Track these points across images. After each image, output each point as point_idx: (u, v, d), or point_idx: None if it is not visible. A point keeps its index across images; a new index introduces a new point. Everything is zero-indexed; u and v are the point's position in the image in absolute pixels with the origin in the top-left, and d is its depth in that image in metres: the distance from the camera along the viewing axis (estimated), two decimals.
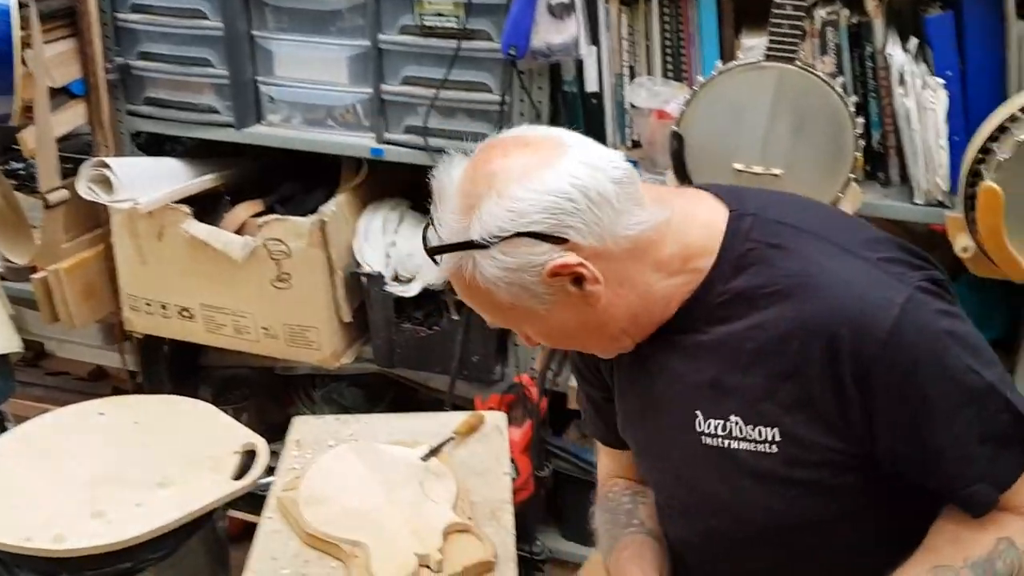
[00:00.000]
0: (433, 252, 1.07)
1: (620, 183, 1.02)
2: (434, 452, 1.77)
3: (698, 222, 1.08)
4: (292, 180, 2.32)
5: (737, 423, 1.07)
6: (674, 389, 1.12)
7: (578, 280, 1.02)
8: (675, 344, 1.10)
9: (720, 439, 1.08)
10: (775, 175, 1.69)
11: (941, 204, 1.77)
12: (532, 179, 1.00)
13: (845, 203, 1.71)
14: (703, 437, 1.10)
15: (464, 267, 1.04)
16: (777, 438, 1.05)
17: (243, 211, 2.17)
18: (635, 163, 1.88)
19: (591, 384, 1.34)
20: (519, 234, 1.00)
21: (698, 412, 1.10)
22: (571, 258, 1.01)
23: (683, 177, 1.75)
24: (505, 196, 1.00)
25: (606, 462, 1.41)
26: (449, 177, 1.08)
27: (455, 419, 1.90)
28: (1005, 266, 1.63)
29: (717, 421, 1.08)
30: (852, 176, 1.69)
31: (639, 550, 1.24)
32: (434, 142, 2.02)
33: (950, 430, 1.01)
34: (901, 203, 1.81)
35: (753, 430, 1.06)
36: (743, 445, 1.07)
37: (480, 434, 1.88)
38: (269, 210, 2.18)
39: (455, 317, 2.15)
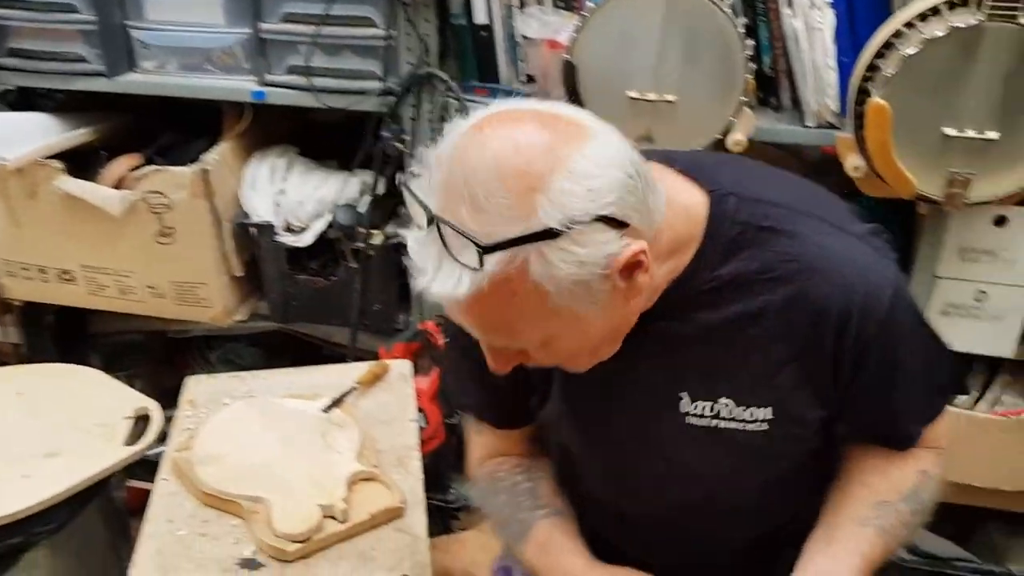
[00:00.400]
0: (490, 250, 0.81)
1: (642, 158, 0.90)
2: (336, 403, 1.72)
3: (678, 203, 0.97)
4: (171, 130, 2.20)
5: (727, 405, 1.04)
6: (656, 374, 1.06)
7: (629, 271, 0.88)
8: (657, 331, 1.01)
9: (708, 419, 1.05)
10: (669, 102, 1.67)
11: (832, 126, 1.78)
12: (594, 153, 0.84)
13: (738, 128, 1.71)
14: (688, 417, 1.06)
15: (514, 267, 0.83)
16: (769, 416, 1.04)
17: (120, 165, 2.05)
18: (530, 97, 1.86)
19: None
20: (598, 218, 0.84)
21: (683, 394, 1.05)
22: (640, 245, 0.87)
23: (578, 106, 1.71)
24: (578, 173, 0.83)
25: (487, 441, 1.26)
26: (463, 154, 0.84)
27: (358, 370, 1.86)
28: (895, 183, 1.65)
29: (705, 403, 1.05)
30: (744, 100, 1.68)
31: (565, 539, 1.16)
32: (319, 82, 1.94)
33: (911, 389, 1.06)
34: (793, 126, 1.82)
35: (745, 411, 1.04)
36: (732, 425, 1.05)
37: (385, 383, 1.84)
38: (148, 162, 2.06)
39: (352, 266, 2.09)
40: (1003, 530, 2.21)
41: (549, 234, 0.81)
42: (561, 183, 0.82)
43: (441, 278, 0.84)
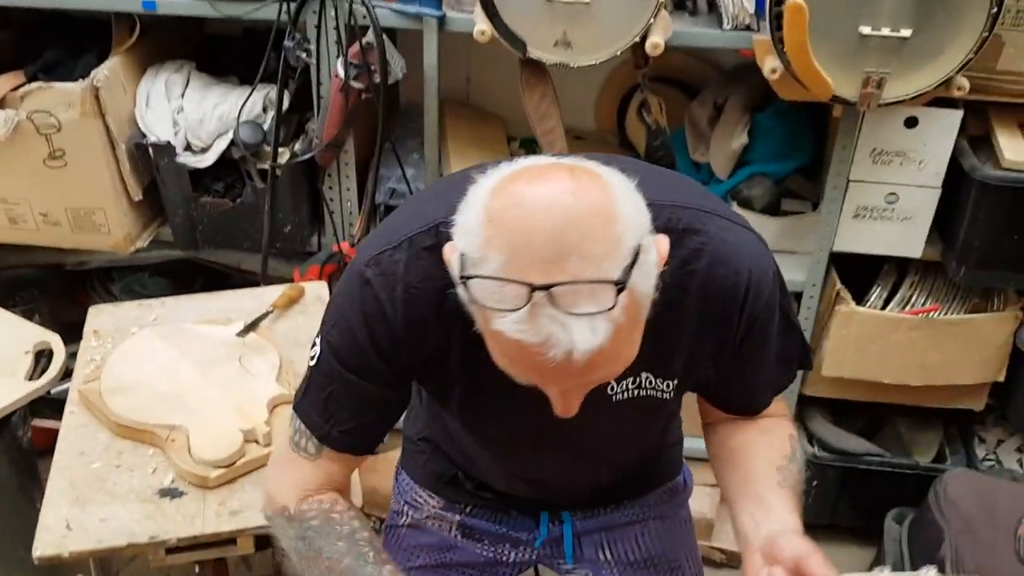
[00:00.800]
0: (621, 285, 0.84)
1: None
2: (251, 327, 1.67)
3: None
4: (56, 46, 2.05)
5: (647, 377, 1.13)
6: None
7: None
8: None
9: (631, 391, 1.13)
10: (585, 3, 1.63)
11: (749, 28, 1.76)
12: (617, 178, 0.92)
13: (656, 30, 1.68)
14: (613, 396, 1.13)
15: (631, 295, 0.87)
16: (676, 383, 1.15)
17: (1, 83, 1.90)
18: (440, 2, 1.79)
19: (392, 388, 1.13)
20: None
21: (611, 382, 1.11)
22: (662, 236, 0.94)
23: (491, 13, 1.65)
24: (625, 196, 0.89)
25: (316, 470, 1.15)
26: (529, 222, 0.85)
27: (272, 293, 1.80)
28: (812, 84, 1.65)
29: (628, 379, 1.12)
30: (661, 2, 1.65)
31: None
32: None
33: (771, 361, 1.18)
34: (710, 29, 1.79)
35: (661, 383, 1.14)
36: (649, 393, 1.14)
37: (300, 306, 1.80)
38: (31, 80, 1.92)
39: (259, 186, 2.00)
40: (910, 424, 2.31)
41: (639, 250, 0.86)
42: (624, 208, 0.88)
43: (578, 338, 0.84)
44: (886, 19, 1.58)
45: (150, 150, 1.96)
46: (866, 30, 1.59)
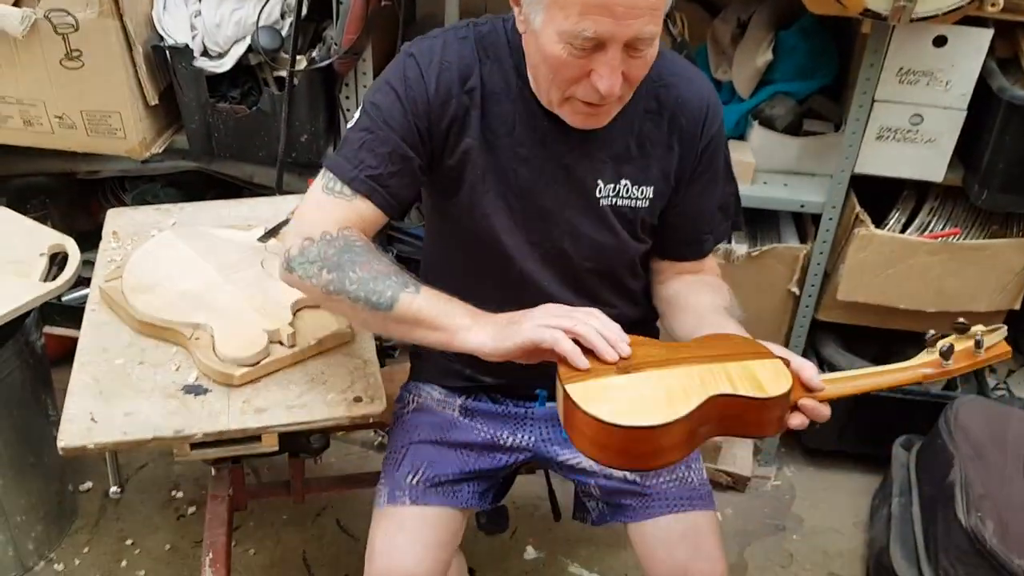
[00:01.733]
0: None
1: None
2: (272, 233, 1.66)
3: None
4: None
5: (626, 184, 1.32)
6: (582, 163, 1.30)
7: None
8: (580, 132, 1.26)
9: (612, 198, 1.33)
10: None
11: None
12: None
13: None
14: (601, 200, 1.32)
15: None
16: (650, 195, 1.34)
17: None
18: None
19: (418, 152, 1.27)
20: None
21: (599, 181, 1.31)
22: None
23: None
24: None
25: (347, 212, 1.26)
26: None
27: (291, 201, 1.79)
28: None
29: (611, 185, 1.32)
30: None
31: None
32: None
33: (715, 194, 1.39)
34: None
35: (638, 190, 1.33)
36: (627, 201, 1.34)
37: None
38: None
39: (276, 93, 1.97)
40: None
41: None
42: None
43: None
44: None
45: (167, 53, 1.93)
46: None
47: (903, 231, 2.03)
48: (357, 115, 1.29)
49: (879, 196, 2.07)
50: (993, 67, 1.83)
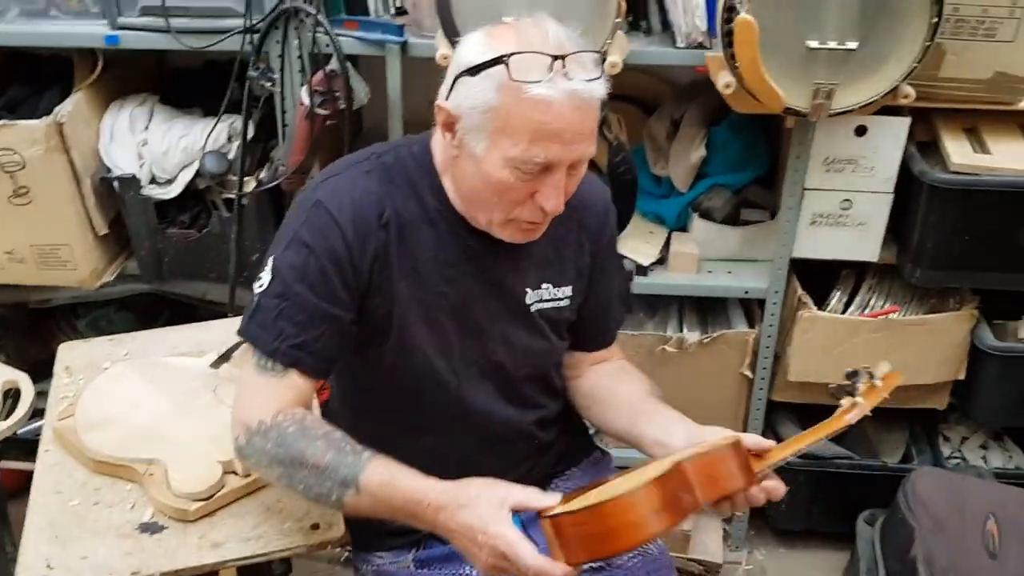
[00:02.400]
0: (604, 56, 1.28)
1: None
2: (224, 358, 1.66)
3: None
4: (18, 84, 2.04)
5: (548, 288, 1.37)
6: (510, 274, 1.34)
7: None
8: (499, 246, 1.30)
9: (537, 304, 1.37)
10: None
11: (702, 46, 1.81)
12: None
13: (613, 50, 1.71)
14: (530, 307, 1.37)
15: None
16: (569, 293, 1.40)
17: None
18: (402, 28, 1.82)
19: (343, 307, 1.25)
20: None
21: (527, 288, 1.36)
22: None
23: (453, 37, 1.68)
24: None
25: (283, 392, 1.25)
26: (548, 26, 1.17)
27: None
28: (765, 98, 1.69)
29: (535, 291, 1.37)
30: (617, 22, 1.69)
31: (406, 471, 1.19)
32: (176, 23, 1.83)
33: (615, 283, 1.47)
34: (665, 48, 1.84)
35: (559, 291, 1.38)
36: (550, 304, 1.38)
37: None
38: None
39: (226, 215, 2.01)
40: (876, 426, 2.35)
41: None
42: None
43: (589, 91, 1.14)
44: (832, 32, 1.64)
45: (115, 183, 1.96)
46: (813, 43, 1.64)
47: (845, 310, 2.09)
48: (267, 276, 1.24)
49: (820, 277, 2.13)
50: (914, 152, 1.91)
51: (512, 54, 1.12)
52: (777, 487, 1.22)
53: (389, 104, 1.91)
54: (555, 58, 1.12)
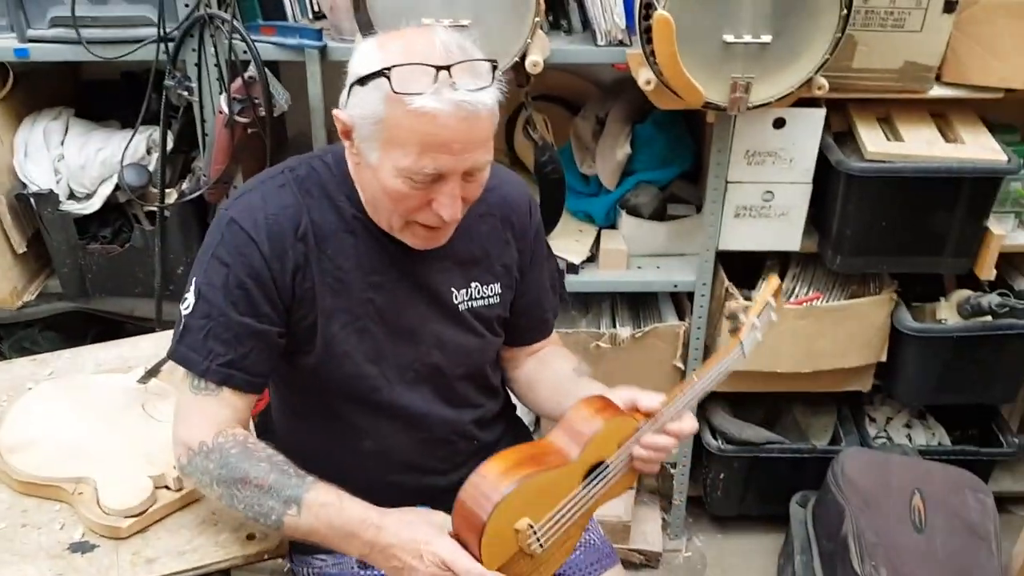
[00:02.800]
0: (495, 63, 1.17)
1: None
2: (152, 373, 1.64)
3: None
4: None
5: (476, 286, 1.38)
6: (434, 276, 1.34)
7: None
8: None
9: (467, 303, 1.37)
10: (463, 26, 1.66)
11: (621, 43, 1.84)
12: None
13: (534, 50, 1.73)
14: (459, 306, 1.37)
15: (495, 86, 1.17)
16: (498, 290, 1.40)
17: None
18: (320, 33, 1.81)
19: (269, 321, 1.26)
20: None
21: (452, 288, 1.35)
22: None
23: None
24: None
25: (219, 410, 1.26)
26: (437, 34, 1.16)
27: (170, 336, 1.76)
28: (685, 93, 1.72)
29: (463, 291, 1.37)
30: (537, 21, 1.70)
31: (346, 497, 1.21)
32: (88, 33, 1.79)
33: (546, 275, 1.48)
34: (586, 46, 1.86)
35: (488, 288, 1.39)
36: (480, 303, 1.39)
37: None
38: None
39: (149, 228, 1.97)
40: (805, 411, 2.41)
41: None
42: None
43: (478, 101, 1.12)
44: (747, 27, 1.67)
45: (32, 200, 1.91)
46: (729, 38, 1.68)
47: None
48: (192, 298, 1.25)
49: (746, 267, 2.18)
50: (830, 142, 1.96)
51: (394, 66, 1.11)
52: (682, 427, 1.29)
53: (311, 110, 1.90)
54: (439, 69, 1.11)
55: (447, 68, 1.11)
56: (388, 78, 1.11)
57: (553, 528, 1.23)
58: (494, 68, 1.16)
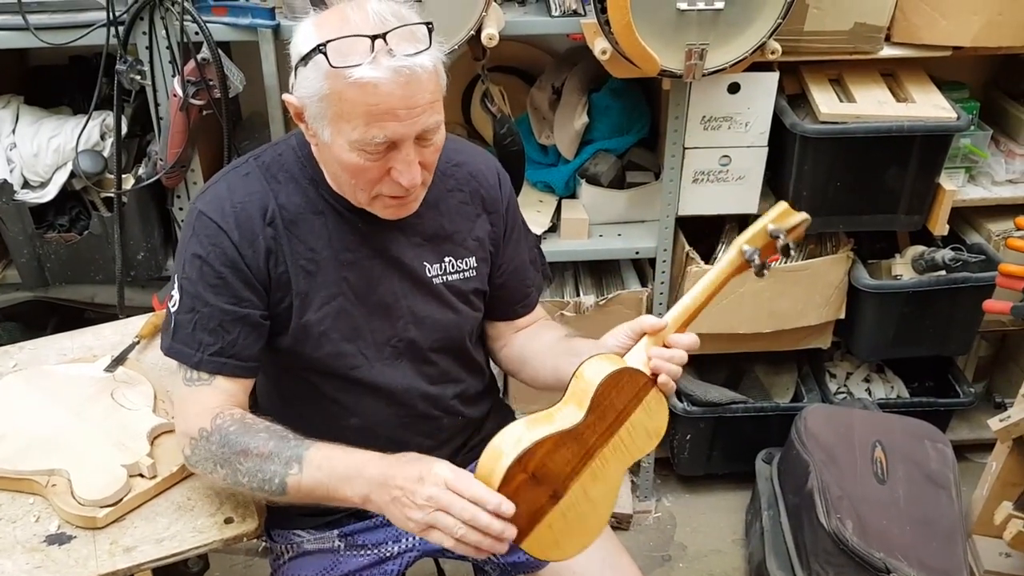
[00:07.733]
0: (431, 25, 1.17)
1: None
2: (119, 361, 1.63)
3: None
4: None
5: (450, 260, 1.39)
6: (406, 251, 1.35)
7: None
8: (399, 224, 1.32)
9: (441, 276, 1.38)
10: (418, 1, 1.66)
11: (576, 13, 1.84)
12: None
13: (489, 22, 1.73)
14: (434, 280, 1.38)
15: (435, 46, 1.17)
16: (473, 263, 1.41)
17: None
18: (273, 12, 1.79)
19: (251, 305, 1.29)
20: None
21: (426, 263, 1.36)
22: None
23: None
24: None
25: (216, 397, 1.28)
26: (370, 4, 1.16)
27: (136, 324, 1.76)
28: (640, 61, 1.74)
29: (437, 265, 1.38)
30: None
31: (343, 450, 1.21)
32: (34, 19, 1.75)
33: (524, 249, 1.49)
34: (540, 17, 1.86)
35: (462, 262, 1.40)
36: (455, 276, 1.40)
37: None
38: None
39: (106, 215, 1.95)
40: (767, 370, 2.46)
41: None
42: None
43: (416, 65, 1.13)
44: None
45: None
46: (683, 5, 1.69)
47: None
48: (176, 295, 1.29)
49: (706, 231, 2.21)
50: (784, 105, 1.99)
51: (328, 41, 1.12)
52: (680, 338, 1.24)
53: (267, 89, 1.88)
54: (374, 38, 1.12)
55: (383, 36, 1.12)
56: (324, 53, 1.12)
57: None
58: (430, 31, 1.17)
